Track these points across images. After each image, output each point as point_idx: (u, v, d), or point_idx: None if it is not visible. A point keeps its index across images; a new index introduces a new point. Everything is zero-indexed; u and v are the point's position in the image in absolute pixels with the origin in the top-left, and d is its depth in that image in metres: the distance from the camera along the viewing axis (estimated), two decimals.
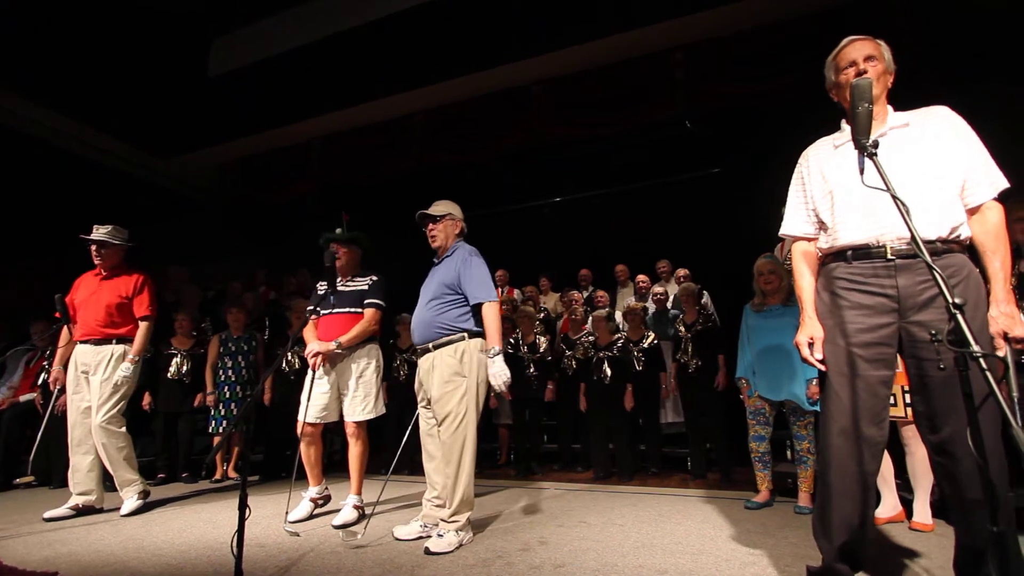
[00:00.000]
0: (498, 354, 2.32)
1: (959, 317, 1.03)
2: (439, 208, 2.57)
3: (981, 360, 0.98)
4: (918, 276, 1.45)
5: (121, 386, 3.07)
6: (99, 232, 3.10)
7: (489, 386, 2.41)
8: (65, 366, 3.19)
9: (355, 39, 5.14)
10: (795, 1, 3.91)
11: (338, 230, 2.92)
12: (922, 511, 2.43)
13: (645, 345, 4.12)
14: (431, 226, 2.55)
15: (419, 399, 2.55)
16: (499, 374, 2.30)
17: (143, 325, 3.18)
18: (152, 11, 5.22)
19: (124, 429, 3.12)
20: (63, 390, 3.21)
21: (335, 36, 5.23)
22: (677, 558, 2.05)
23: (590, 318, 4.43)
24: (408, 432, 2.70)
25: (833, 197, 1.61)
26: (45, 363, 4.44)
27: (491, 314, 2.36)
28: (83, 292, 3.18)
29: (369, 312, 2.87)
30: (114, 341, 3.10)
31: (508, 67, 4.68)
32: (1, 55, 4.66)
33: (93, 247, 3.11)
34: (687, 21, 4.12)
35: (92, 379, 3.05)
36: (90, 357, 3.06)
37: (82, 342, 3.10)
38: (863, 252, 1.54)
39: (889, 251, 1.48)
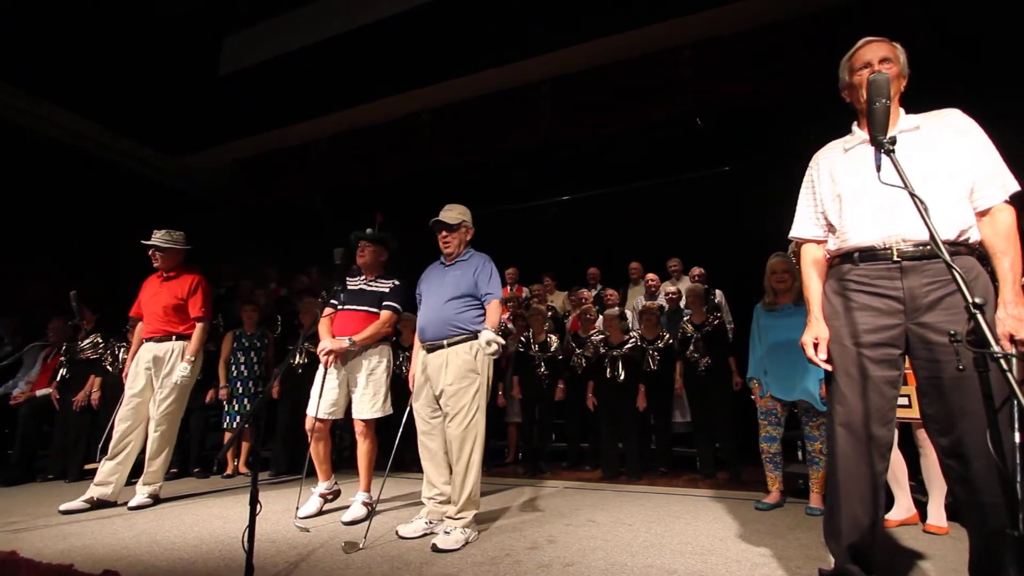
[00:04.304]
0: (493, 334, 2.42)
1: (979, 317, 1.01)
2: (454, 216, 2.60)
3: (1002, 361, 0.97)
4: (924, 278, 1.46)
5: (181, 385, 3.23)
6: (155, 237, 3.31)
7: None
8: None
9: (364, 37, 5.15)
10: None
11: (368, 230, 2.98)
12: (936, 514, 2.40)
13: (660, 345, 4.10)
14: (446, 234, 2.60)
15: (418, 396, 2.56)
16: (493, 340, 2.39)
17: (198, 326, 3.33)
18: (163, 10, 5.27)
19: (177, 428, 3.32)
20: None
21: (344, 35, 5.25)
22: (686, 558, 2.04)
23: (601, 316, 4.41)
24: (400, 430, 2.68)
25: (841, 200, 1.61)
26: (62, 359, 4.53)
27: (496, 307, 2.53)
28: (147, 293, 3.37)
29: (385, 314, 2.89)
30: (174, 338, 3.28)
31: (516, 65, 4.67)
32: (17, 57, 4.73)
33: (150, 251, 3.30)
34: (696, 19, 4.09)
35: (155, 375, 3.23)
36: (152, 354, 3.24)
37: (147, 340, 3.29)
38: (870, 254, 1.54)
39: (895, 253, 1.49)
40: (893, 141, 1.32)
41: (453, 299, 2.49)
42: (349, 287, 2.94)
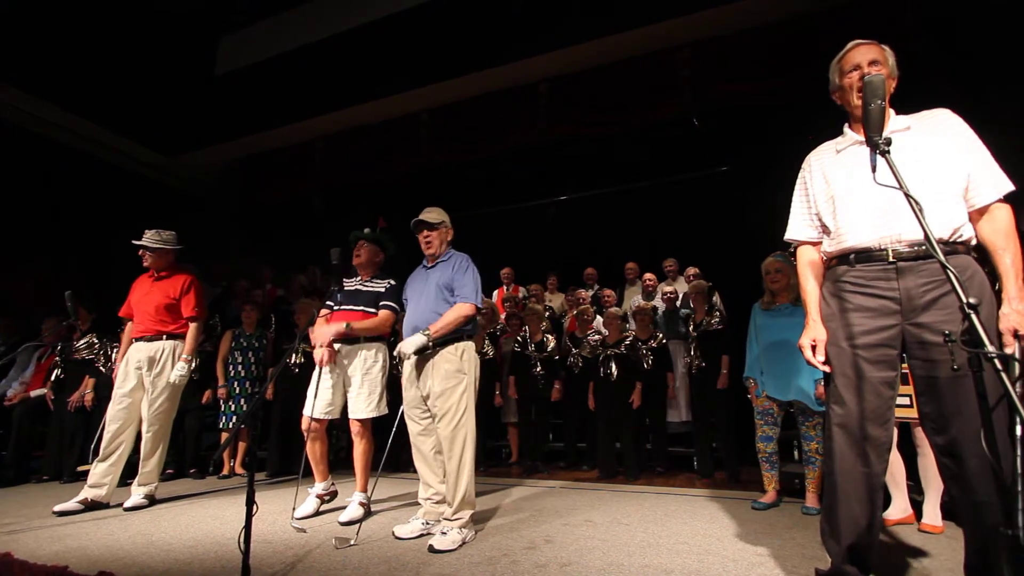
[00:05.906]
0: (425, 335, 2.36)
1: (973, 317, 1.01)
2: (434, 216, 2.63)
3: (996, 360, 0.97)
4: (920, 278, 1.46)
5: (175, 385, 3.22)
6: (144, 237, 3.28)
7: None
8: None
9: (361, 37, 5.14)
10: None
11: (367, 230, 2.98)
12: (932, 513, 2.41)
13: (653, 344, 4.11)
14: (427, 233, 2.61)
15: (408, 398, 2.56)
16: (409, 344, 2.34)
17: (192, 326, 3.31)
18: (160, 10, 5.26)
19: (170, 428, 3.29)
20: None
21: (342, 34, 5.25)
22: (683, 558, 2.05)
23: (600, 317, 4.41)
24: (394, 430, 2.67)
25: (835, 201, 1.62)
26: (57, 359, 4.50)
27: (458, 312, 2.43)
28: (138, 292, 3.34)
29: (383, 313, 2.89)
30: (164, 337, 3.25)
31: (515, 65, 4.68)
32: (14, 56, 4.71)
33: (140, 251, 3.27)
34: (694, 19, 4.10)
35: (147, 375, 3.19)
36: (143, 353, 3.21)
37: (137, 339, 3.26)
38: (865, 255, 1.55)
39: (891, 254, 1.50)
40: (888, 142, 1.33)
41: (435, 300, 2.50)
42: (345, 287, 2.94)
